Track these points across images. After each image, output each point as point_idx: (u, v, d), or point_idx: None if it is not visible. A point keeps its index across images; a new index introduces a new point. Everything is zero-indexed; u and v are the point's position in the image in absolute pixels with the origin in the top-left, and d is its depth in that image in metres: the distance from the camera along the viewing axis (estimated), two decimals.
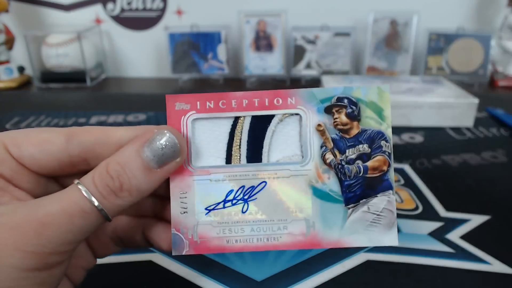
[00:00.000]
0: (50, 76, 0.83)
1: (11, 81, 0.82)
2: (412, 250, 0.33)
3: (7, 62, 0.83)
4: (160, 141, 0.20)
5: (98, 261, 0.26)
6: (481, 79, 0.83)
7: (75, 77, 0.83)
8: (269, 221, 0.23)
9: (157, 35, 0.90)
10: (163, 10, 0.89)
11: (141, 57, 0.93)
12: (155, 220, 0.24)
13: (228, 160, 0.23)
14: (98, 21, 0.90)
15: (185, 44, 0.84)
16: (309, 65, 0.84)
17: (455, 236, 0.35)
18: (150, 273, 0.31)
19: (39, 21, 0.90)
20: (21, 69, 0.85)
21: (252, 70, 0.84)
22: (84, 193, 0.19)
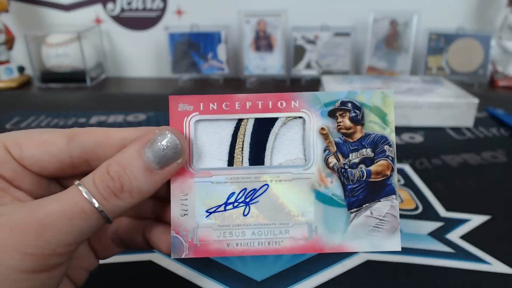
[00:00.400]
0: (50, 76, 0.83)
1: (11, 81, 0.82)
2: (412, 250, 0.33)
3: (7, 62, 0.83)
4: (161, 142, 0.20)
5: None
6: (481, 79, 0.83)
7: (75, 77, 0.83)
8: (270, 224, 0.22)
9: (157, 35, 0.90)
10: (163, 10, 0.89)
11: (141, 57, 0.93)
12: (156, 222, 0.24)
13: (230, 162, 0.23)
14: (98, 21, 0.90)
15: (185, 44, 0.84)
16: (309, 65, 0.84)
17: (455, 236, 0.35)
18: (150, 273, 0.31)
19: (39, 21, 0.90)
20: (21, 69, 0.85)
21: (252, 70, 0.84)
22: (85, 194, 0.19)
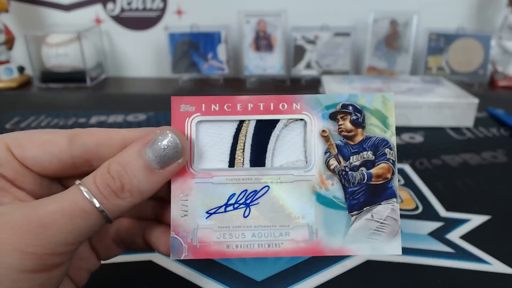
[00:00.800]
0: (50, 76, 0.83)
1: (11, 81, 0.82)
2: (412, 250, 0.33)
3: (7, 62, 0.83)
4: (162, 142, 0.20)
5: None
6: (481, 79, 0.83)
7: (75, 77, 0.83)
8: (271, 226, 0.22)
9: (157, 35, 0.90)
10: (163, 10, 0.89)
11: (141, 57, 0.93)
12: (156, 223, 0.24)
13: (231, 163, 0.23)
14: (98, 21, 0.90)
15: (185, 44, 0.84)
16: (309, 65, 0.84)
17: (455, 236, 0.35)
18: (150, 273, 0.31)
19: (39, 21, 0.90)
20: (21, 69, 0.85)
21: (252, 70, 0.84)
22: (85, 194, 0.19)
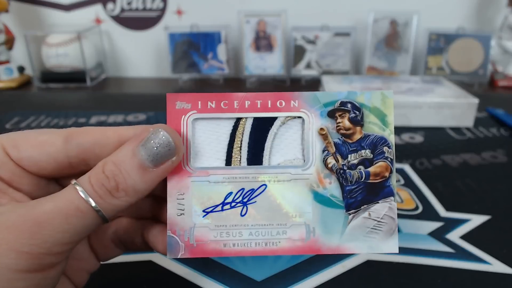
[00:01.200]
0: (50, 76, 0.83)
1: (11, 81, 0.82)
2: (412, 250, 0.33)
3: (7, 62, 0.83)
4: (154, 140, 0.20)
5: None
6: (481, 79, 0.83)
7: (75, 77, 0.83)
8: (268, 225, 0.22)
9: (157, 35, 0.90)
10: (163, 10, 0.89)
11: (141, 57, 0.93)
12: (153, 222, 0.24)
13: (228, 161, 0.23)
14: (98, 21, 0.90)
15: (185, 44, 0.84)
16: (309, 65, 0.84)
17: (455, 236, 0.35)
18: (150, 273, 0.31)
19: (39, 21, 0.90)
20: (21, 69, 0.85)
21: (252, 70, 0.84)
22: (81, 193, 0.19)
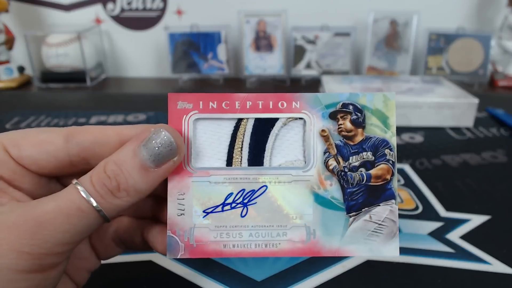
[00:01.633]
0: (50, 76, 0.83)
1: (11, 81, 0.82)
2: (412, 250, 0.33)
3: (7, 62, 0.83)
4: (156, 140, 0.20)
5: None
6: (481, 79, 0.83)
7: (75, 77, 0.83)
8: (268, 226, 0.22)
9: (157, 35, 0.90)
10: (163, 10, 0.89)
11: (141, 57, 0.93)
12: (153, 222, 0.24)
13: (229, 162, 0.23)
14: (98, 21, 0.90)
15: (185, 44, 0.84)
16: (309, 65, 0.84)
17: (455, 236, 0.35)
18: (150, 273, 0.31)
19: (39, 21, 0.90)
20: (21, 69, 0.85)
21: (252, 70, 0.84)
22: (82, 193, 0.19)
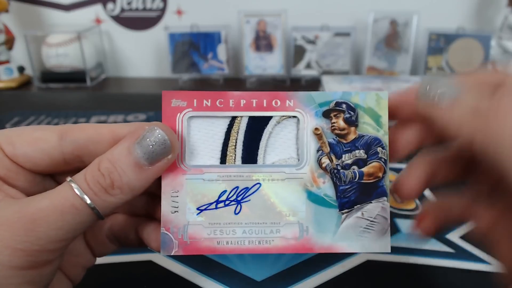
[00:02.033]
0: (50, 76, 0.83)
1: (11, 81, 0.82)
2: (412, 250, 0.33)
3: (7, 62, 0.83)
4: (150, 138, 0.20)
5: (98, 260, 0.26)
6: None
7: (75, 77, 0.83)
8: (261, 223, 0.22)
9: (157, 35, 0.90)
10: (163, 10, 0.89)
11: (141, 57, 0.93)
12: (148, 219, 0.24)
13: (223, 160, 0.23)
14: (98, 21, 0.90)
15: (185, 44, 0.84)
16: (309, 65, 0.84)
17: (455, 236, 0.35)
18: (150, 273, 0.31)
19: (39, 21, 0.90)
20: (21, 69, 0.85)
21: (252, 70, 0.84)
22: (76, 190, 0.19)
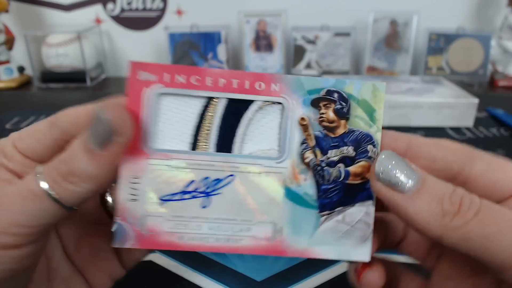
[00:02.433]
0: (50, 76, 0.83)
1: (11, 81, 0.82)
2: None
3: (7, 62, 0.83)
4: (94, 119, 0.18)
5: None
6: (481, 79, 0.83)
7: (75, 77, 0.83)
8: (231, 220, 0.20)
9: (157, 35, 0.90)
10: (163, 10, 0.89)
11: (141, 57, 0.93)
12: None
13: (194, 146, 0.20)
14: (98, 21, 0.90)
15: (185, 44, 0.84)
16: (309, 65, 0.84)
17: None
18: (150, 273, 0.31)
19: (39, 21, 0.90)
20: (21, 69, 0.85)
21: (252, 70, 0.84)
22: (36, 176, 0.18)
